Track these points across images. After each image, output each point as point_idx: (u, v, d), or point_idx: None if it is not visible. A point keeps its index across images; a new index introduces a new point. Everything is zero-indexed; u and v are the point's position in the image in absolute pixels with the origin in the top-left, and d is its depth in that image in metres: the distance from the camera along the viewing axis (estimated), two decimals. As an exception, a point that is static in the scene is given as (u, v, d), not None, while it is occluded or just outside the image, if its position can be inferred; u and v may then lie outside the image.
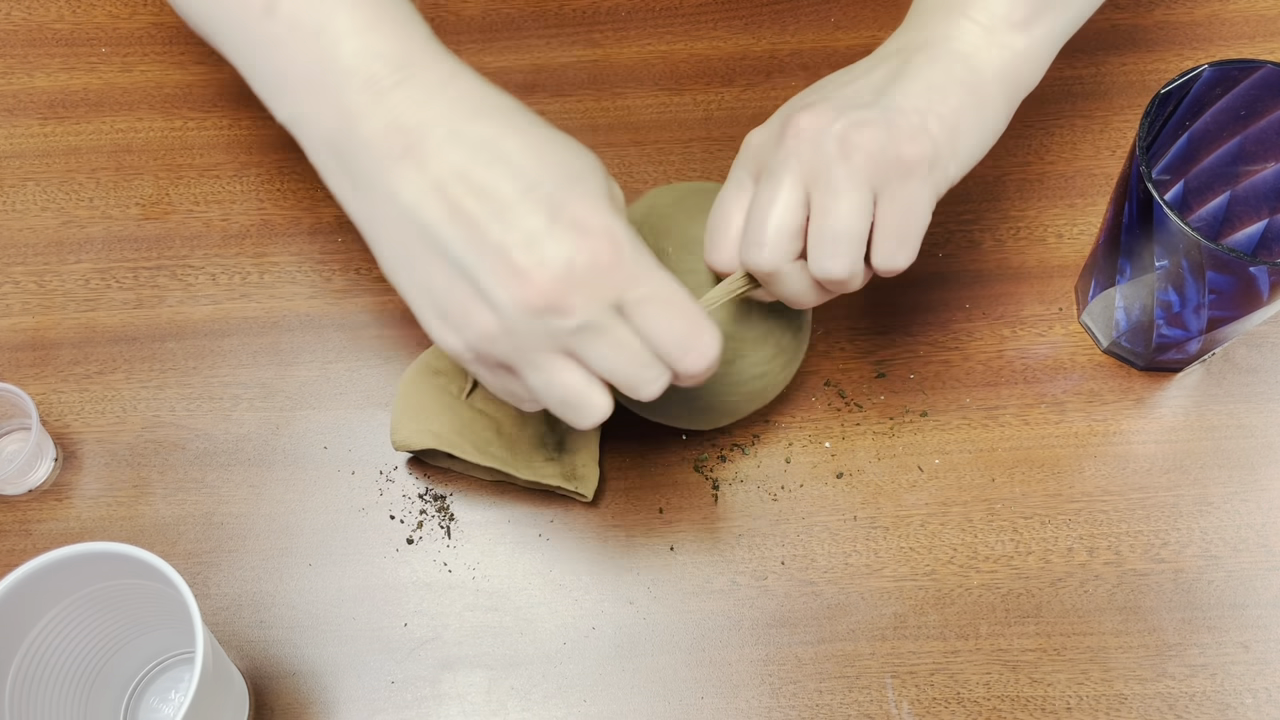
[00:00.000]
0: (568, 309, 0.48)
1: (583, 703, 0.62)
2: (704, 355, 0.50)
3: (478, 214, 0.48)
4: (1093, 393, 0.68)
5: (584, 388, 0.50)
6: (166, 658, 0.63)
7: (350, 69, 0.50)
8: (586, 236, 0.47)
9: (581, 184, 0.49)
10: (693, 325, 0.49)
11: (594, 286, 0.48)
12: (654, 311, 0.49)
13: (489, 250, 0.48)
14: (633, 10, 0.80)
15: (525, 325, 0.48)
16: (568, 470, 0.64)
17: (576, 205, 0.48)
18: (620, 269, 0.48)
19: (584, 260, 0.47)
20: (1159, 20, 0.78)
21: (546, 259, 0.47)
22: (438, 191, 0.48)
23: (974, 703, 0.61)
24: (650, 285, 0.49)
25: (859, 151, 0.52)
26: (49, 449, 0.67)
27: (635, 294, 0.48)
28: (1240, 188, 0.65)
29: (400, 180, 0.49)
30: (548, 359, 0.49)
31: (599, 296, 0.48)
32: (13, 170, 0.76)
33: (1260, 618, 0.63)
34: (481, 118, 0.49)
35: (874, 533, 0.65)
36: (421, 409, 0.64)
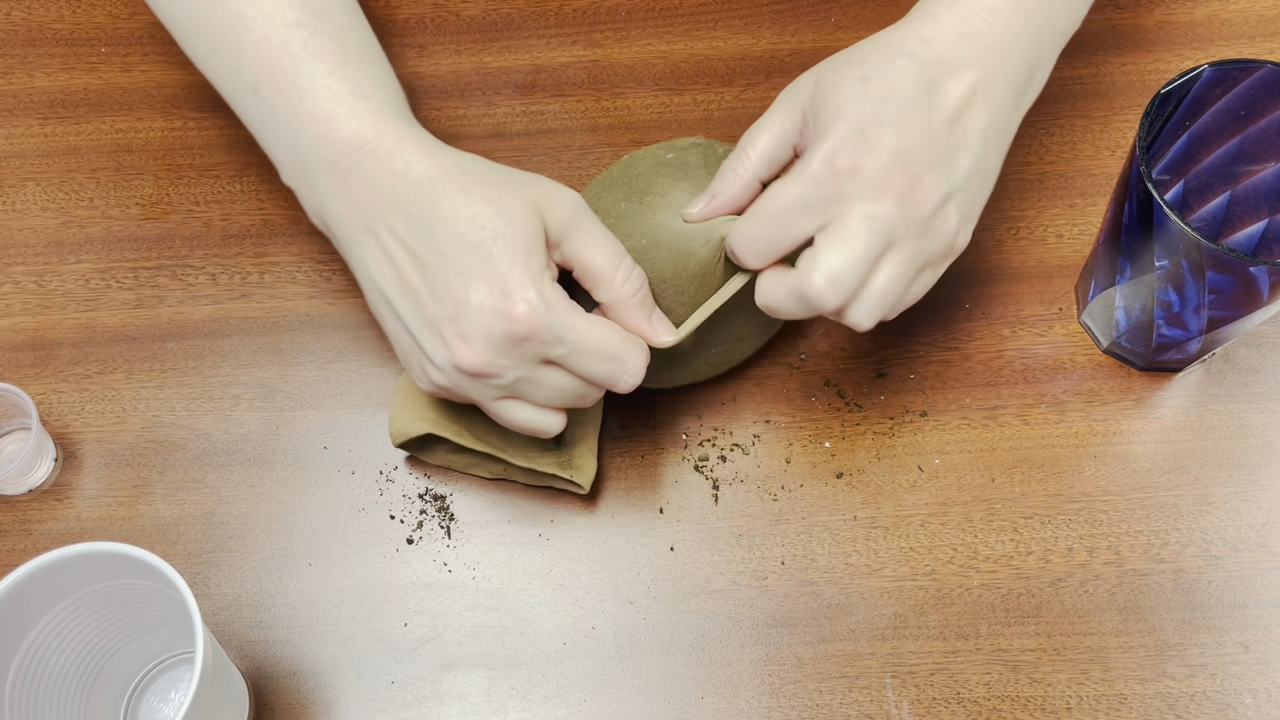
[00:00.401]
0: (496, 372, 0.54)
1: (583, 703, 0.62)
2: (632, 379, 0.56)
3: (418, 287, 0.54)
4: (1093, 393, 0.68)
5: (536, 416, 0.57)
6: (166, 658, 0.63)
7: (316, 158, 0.57)
8: (505, 309, 0.53)
9: (506, 248, 0.53)
10: (618, 360, 0.55)
11: (517, 351, 0.54)
12: (579, 361, 0.55)
13: (427, 322, 0.54)
14: (633, 10, 0.80)
15: (466, 384, 0.55)
16: (564, 461, 0.64)
17: (496, 277, 0.53)
18: (539, 334, 0.53)
19: (502, 332, 0.53)
20: (1159, 20, 0.78)
21: (469, 334, 0.53)
22: (391, 264, 0.55)
23: (974, 703, 0.61)
24: (570, 341, 0.54)
25: (940, 240, 0.56)
26: (49, 449, 0.67)
27: (558, 351, 0.54)
28: (1240, 188, 0.65)
29: (364, 252, 0.56)
30: (498, 404, 0.57)
31: (523, 357, 0.54)
32: (13, 170, 0.76)
33: (1260, 618, 0.63)
34: (423, 189, 0.55)
35: (874, 533, 0.65)
36: (418, 402, 0.64)
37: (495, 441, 0.63)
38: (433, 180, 0.55)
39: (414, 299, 0.55)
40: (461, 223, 0.54)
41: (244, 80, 0.59)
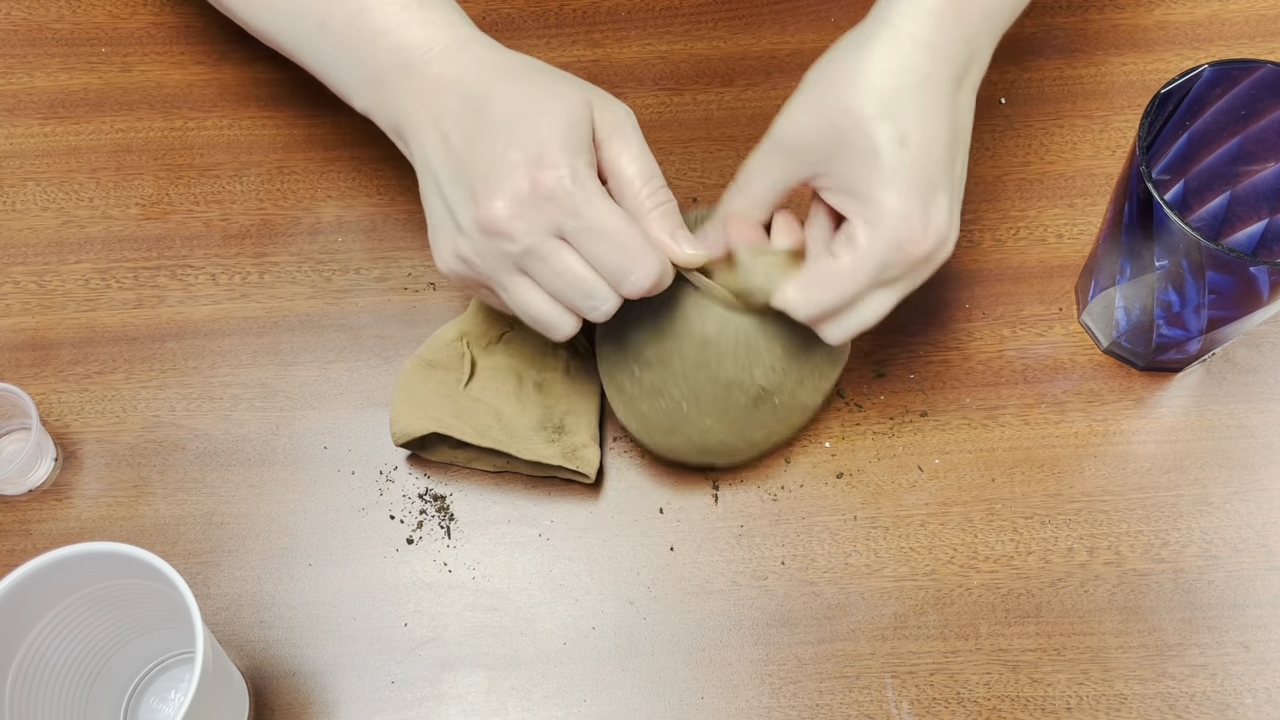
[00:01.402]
0: (512, 233, 0.54)
1: (583, 703, 0.62)
2: (641, 281, 0.54)
3: (461, 151, 0.55)
4: (1093, 393, 0.68)
5: (548, 307, 0.56)
6: (166, 658, 0.63)
7: (388, 66, 0.59)
8: (533, 168, 0.53)
9: (550, 120, 0.54)
10: (629, 253, 0.54)
11: (535, 215, 0.54)
12: (591, 240, 0.54)
13: (462, 182, 0.55)
14: (633, 10, 0.80)
15: (485, 246, 0.55)
16: (568, 451, 0.64)
17: (535, 142, 0.54)
18: (559, 199, 0.53)
19: (526, 189, 0.53)
20: (1159, 20, 0.78)
21: (496, 188, 0.54)
22: (443, 140, 0.56)
23: (974, 703, 0.61)
24: (588, 216, 0.53)
25: (928, 269, 0.56)
26: (49, 449, 0.67)
27: (574, 224, 0.54)
28: (1240, 188, 0.65)
29: (424, 138, 0.57)
30: (512, 279, 0.56)
31: (540, 224, 0.54)
32: (13, 170, 0.76)
33: (1260, 618, 0.63)
34: (485, 73, 0.56)
35: (874, 533, 0.65)
36: (420, 400, 0.64)
37: (499, 436, 0.63)
38: (495, 67, 0.57)
39: (455, 163, 0.55)
40: (514, 98, 0.55)
41: (310, 19, 0.61)
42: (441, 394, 0.64)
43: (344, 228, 0.73)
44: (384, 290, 0.72)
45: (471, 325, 0.67)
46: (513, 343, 0.67)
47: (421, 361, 0.66)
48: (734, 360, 0.58)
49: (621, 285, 0.55)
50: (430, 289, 0.72)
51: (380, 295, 0.72)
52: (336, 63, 0.61)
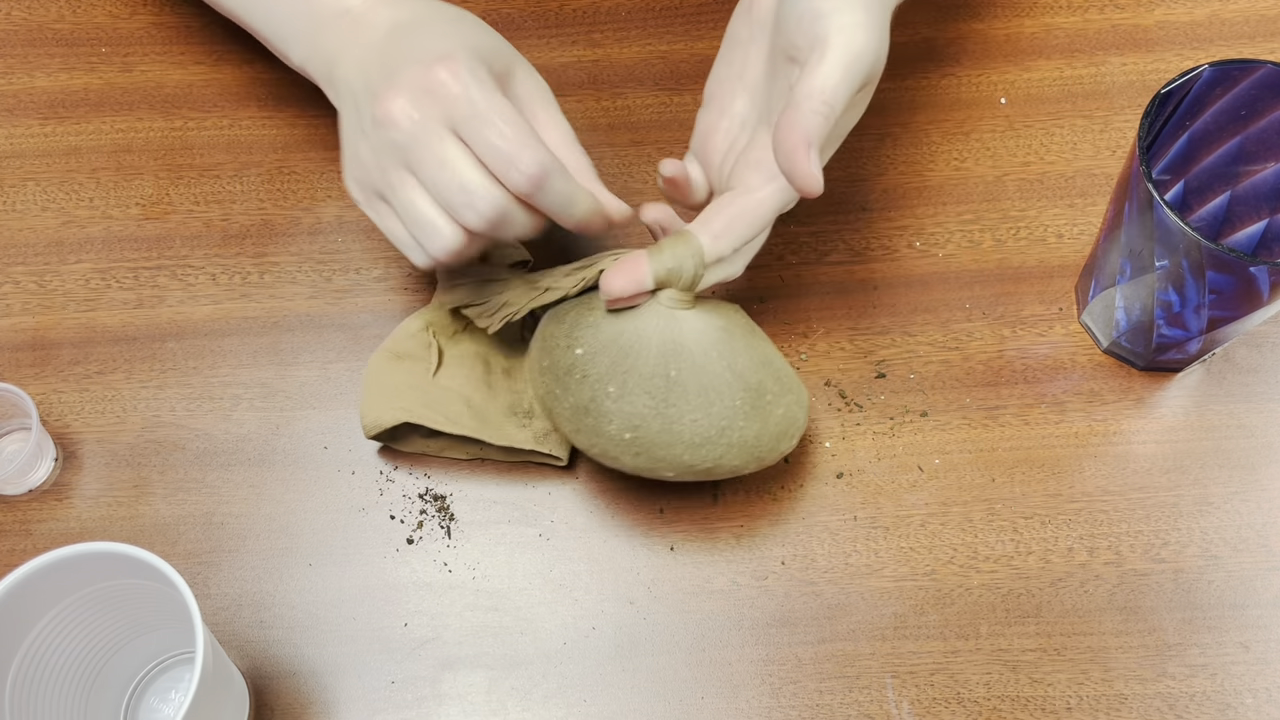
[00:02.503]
0: (401, 122, 0.55)
1: (583, 703, 0.62)
2: (527, 169, 0.54)
3: (375, 69, 0.57)
4: (1093, 393, 0.68)
5: (431, 212, 0.56)
6: (166, 658, 0.63)
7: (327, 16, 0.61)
8: (432, 68, 0.55)
9: (460, 40, 0.57)
10: (518, 141, 0.54)
11: (428, 106, 0.55)
12: (480, 125, 0.55)
13: (370, 90, 0.57)
14: (633, 10, 0.80)
15: (377, 140, 0.56)
16: (540, 434, 0.64)
17: (440, 48, 0.56)
18: (452, 91, 0.55)
19: (422, 84, 0.55)
20: (1159, 20, 0.78)
21: (396, 84, 0.55)
22: (362, 65, 0.58)
23: (974, 703, 0.61)
24: (479, 103, 0.55)
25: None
26: (49, 449, 0.67)
27: (465, 111, 0.55)
28: (1240, 188, 0.65)
29: (348, 68, 0.59)
30: (400, 177, 0.56)
31: (431, 114, 0.55)
32: (13, 170, 0.76)
33: (1260, 618, 0.63)
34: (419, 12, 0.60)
35: (874, 533, 0.65)
36: (390, 390, 0.64)
37: (470, 423, 0.64)
38: (435, 10, 0.60)
39: (367, 77, 0.58)
40: (437, 27, 0.58)
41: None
42: (410, 384, 0.64)
43: (344, 228, 0.73)
44: (384, 290, 0.72)
45: (436, 315, 0.67)
46: (478, 330, 0.66)
47: (388, 353, 0.66)
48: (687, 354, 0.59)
49: (508, 174, 0.54)
50: (430, 289, 0.72)
51: (380, 295, 0.72)
52: (276, 13, 0.63)
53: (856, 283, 0.71)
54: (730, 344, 0.59)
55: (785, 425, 0.60)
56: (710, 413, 0.58)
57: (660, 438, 0.58)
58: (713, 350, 0.59)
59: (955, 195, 0.73)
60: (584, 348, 0.59)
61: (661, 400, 0.57)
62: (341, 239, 0.73)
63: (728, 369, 0.59)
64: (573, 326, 0.60)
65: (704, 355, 0.58)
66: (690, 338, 0.59)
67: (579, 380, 0.58)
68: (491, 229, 0.56)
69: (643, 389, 0.57)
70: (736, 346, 0.59)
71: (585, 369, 0.58)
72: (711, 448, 0.58)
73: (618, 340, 0.58)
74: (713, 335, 0.59)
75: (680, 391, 0.58)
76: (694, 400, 0.58)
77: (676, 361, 0.58)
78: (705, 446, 0.58)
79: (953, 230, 0.73)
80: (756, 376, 0.59)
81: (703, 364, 0.58)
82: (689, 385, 0.58)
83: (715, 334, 0.59)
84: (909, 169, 0.74)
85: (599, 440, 0.59)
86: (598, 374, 0.58)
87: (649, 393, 0.57)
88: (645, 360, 0.58)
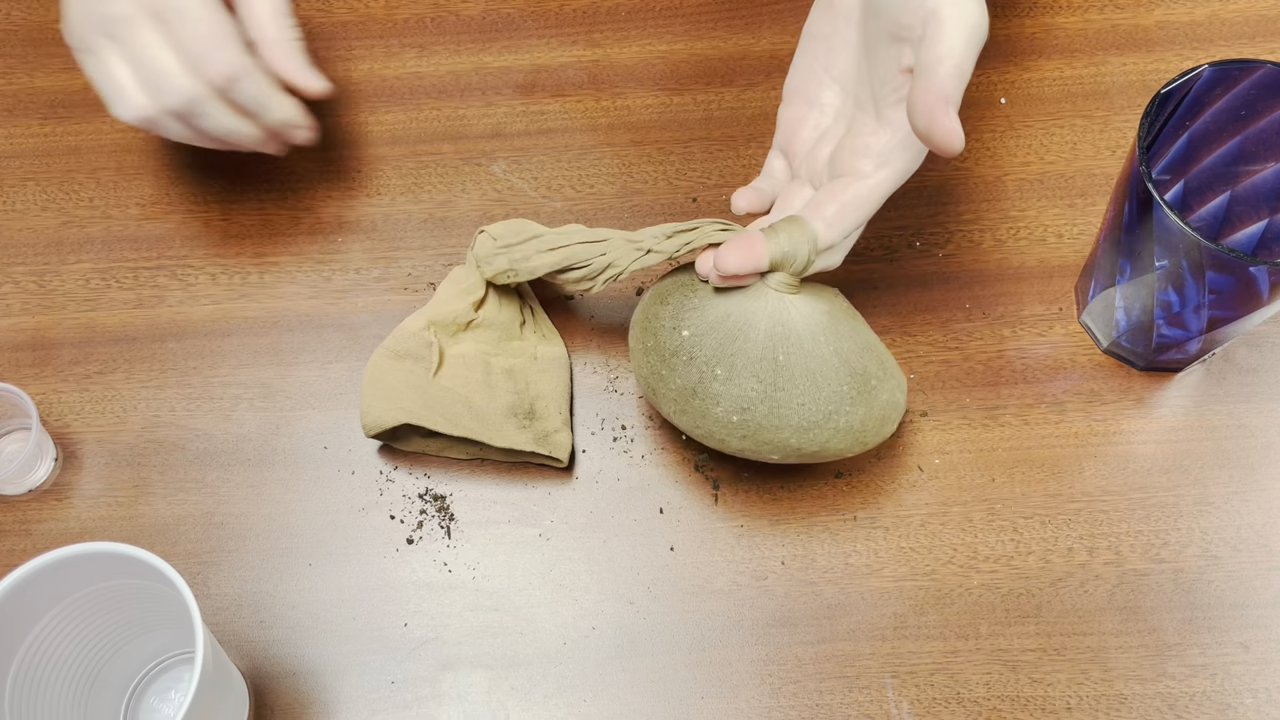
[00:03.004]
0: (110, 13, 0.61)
1: (583, 703, 0.62)
2: (220, 66, 0.62)
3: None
4: (1093, 393, 0.68)
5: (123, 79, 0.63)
6: (166, 658, 0.63)
7: None
8: None
9: None
10: (211, 39, 0.61)
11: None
12: (177, 21, 0.61)
13: None
14: (633, 10, 0.80)
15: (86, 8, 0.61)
16: (540, 435, 0.64)
17: None
18: None
19: None
20: (1159, 20, 0.78)
21: None
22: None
23: (974, 703, 0.62)
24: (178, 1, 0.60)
25: None
26: (49, 449, 0.67)
27: (164, 4, 0.60)
28: (1240, 188, 0.65)
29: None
30: (103, 44, 0.62)
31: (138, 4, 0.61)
32: (13, 170, 0.76)
33: (1260, 618, 0.63)
34: None
35: (874, 533, 0.65)
36: (390, 390, 0.64)
37: (470, 424, 0.64)
38: None
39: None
40: None
41: None
42: (411, 384, 0.64)
43: (344, 228, 0.73)
44: (384, 290, 0.72)
45: (438, 314, 0.67)
46: (480, 330, 0.67)
47: (389, 353, 0.66)
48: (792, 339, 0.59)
49: (200, 66, 0.61)
50: (430, 289, 0.72)
51: (380, 295, 0.72)
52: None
53: (857, 282, 0.71)
54: (836, 329, 0.60)
55: (888, 410, 0.61)
56: (818, 397, 0.58)
57: (767, 420, 0.58)
58: (820, 335, 0.59)
59: (955, 195, 0.73)
60: (690, 329, 0.59)
61: (769, 384, 0.58)
62: (341, 239, 0.73)
63: (834, 354, 0.59)
64: (678, 308, 0.60)
65: (811, 340, 0.59)
66: (798, 322, 0.59)
67: (685, 362, 0.59)
68: (188, 112, 0.62)
69: (750, 372, 0.58)
70: (841, 331, 0.60)
71: (692, 351, 0.59)
72: (818, 432, 0.59)
73: (725, 322, 0.59)
74: (819, 319, 0.59)
75: (788, 375, 0.58)
76: (801, 384, 0.58)
77: (784, 345, 0.58)
78: (812, 431, 0.59)
79: (953, 230, 0.73)
80: (861, 361, 0.60)
81: (810, 349, 0.59)
82: (796, 369, 0.58)
83: (821, 318, 0.60)
84: (909, 169, 0.74)
85: (704, 422, 0.59)
86: (705, 356, 0.58)
87: (757, 376, 0.58)
88: (754, 343, 0.58)
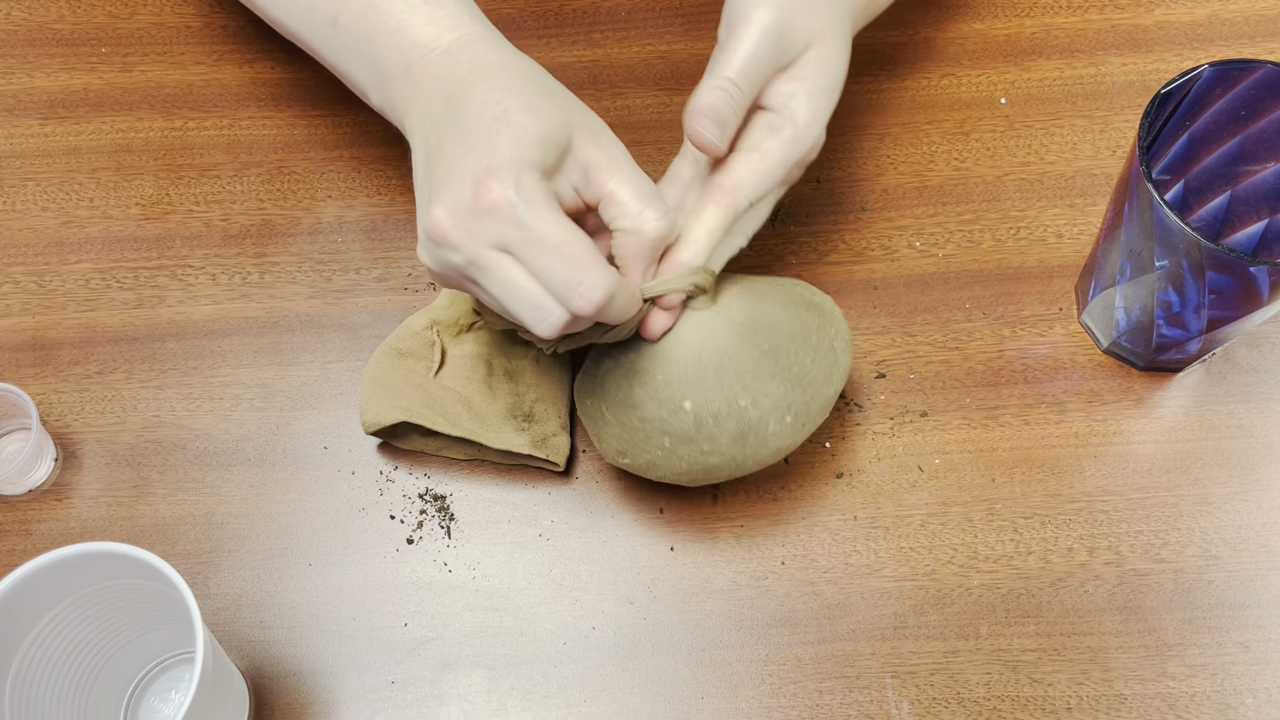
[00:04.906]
0: (454, 244, 0.53)
1: (583, 703, 0.62)
2: (590, 295, 0.52)
3: (433, 157, 0.55)
4: (1093, 393, 0.68)
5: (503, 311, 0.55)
6: (166, 658, 0.63)
7: (395, 66, 0.59)
8: (478, 179, 0.52)
9: (514, 134, 0.53)
10: (574, 267, 0.52)
11: (476, 226, 0.52)
12: (534, 253, 0.52)
13: (425, 184, 0.55)
14: (633, 10, 0.80)
15: (432, 253, 0.54)
16: (538, 439, 0.64)
17: (489, 153, 0.52)
18: (499, 210, 0.52)
19: (468, 200, 0.52)
20: (1159, 20, 0.78)
21: (443, 197, 0.53)
22: (424, 141, 0.56)
23: (974, 703, 0.61)
24: (532, 229, 0.52)
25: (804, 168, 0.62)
26: (49, 449, 0.67)
27: (517, 236, 0.52)
28: (1240, 188, 0.65)
29: (414, 137, 0.58)
30: (466, 285, 0.55)
31: (482, 236, 0.53)
32: (13, 170, 0.76)
33: (1260, 618, 0.63)
34: (472, 74, 0.56)
35: (874, 533, 0.65)
36: (391, 388, 0.64)
37: (469, 425, 0.64)
38: (485, 68, 0.56)
39: (427, 164, 0.55)
40: (488, 104, 0.54)
41: (321, 15, 0.62)
42: (412, 383, 0.64)
43: (344, 228, 0.73)
44: (384, 290, 0.72)
45: (441, 313, 0.67)
46: (483, 330, 0.67)
47: (391, 350, 0.66)
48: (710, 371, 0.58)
49: (571, 300, 0.52)
50: (430, 289, 0.72)
51: (380, 295, 0.72)
52: (349, 61, 0.62)
53: (856, 283, 0.71)
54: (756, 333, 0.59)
55: (830, 369, 0.60)
56: (814, 345, 0.59)
57: (802, 397, 0.58)
58: (766, 305, 0.59)
59: (955, 195, 0.73)
60: (691, 399, 0.58)
61: (783, 374, 0.58)
62: (341, 239, 0.73)
63: (790, 318, 0.59)
64: (663, 383, 0.58)
65: (769, 316, 0.59)
66: (747, 314, 0.59)
67: (657, 432, 0.58)
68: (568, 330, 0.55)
69: (765, 375, 0.58)
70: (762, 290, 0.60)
71: (699, 419, 0.58)
72: (795, 434, 0.59)
73: (680, 374, 0.58)
74: (749, 296, 0.59)
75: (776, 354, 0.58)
76: (761, 404, 0.58)
77: (755, 339, 0.58)
78: (786, 435, 0.59)
79: (953, 230, 0.73)
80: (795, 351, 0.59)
81: (770, 324, 0.59)
82: (782, 344, 0.58)
83: (749, 296, 0.59)
84: (909, 169, 0.74)
85: (684, 476, 0.60)
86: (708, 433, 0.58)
87: (771, 374, 0.58)
88: (735, 358, 0.58)
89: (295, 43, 0.66)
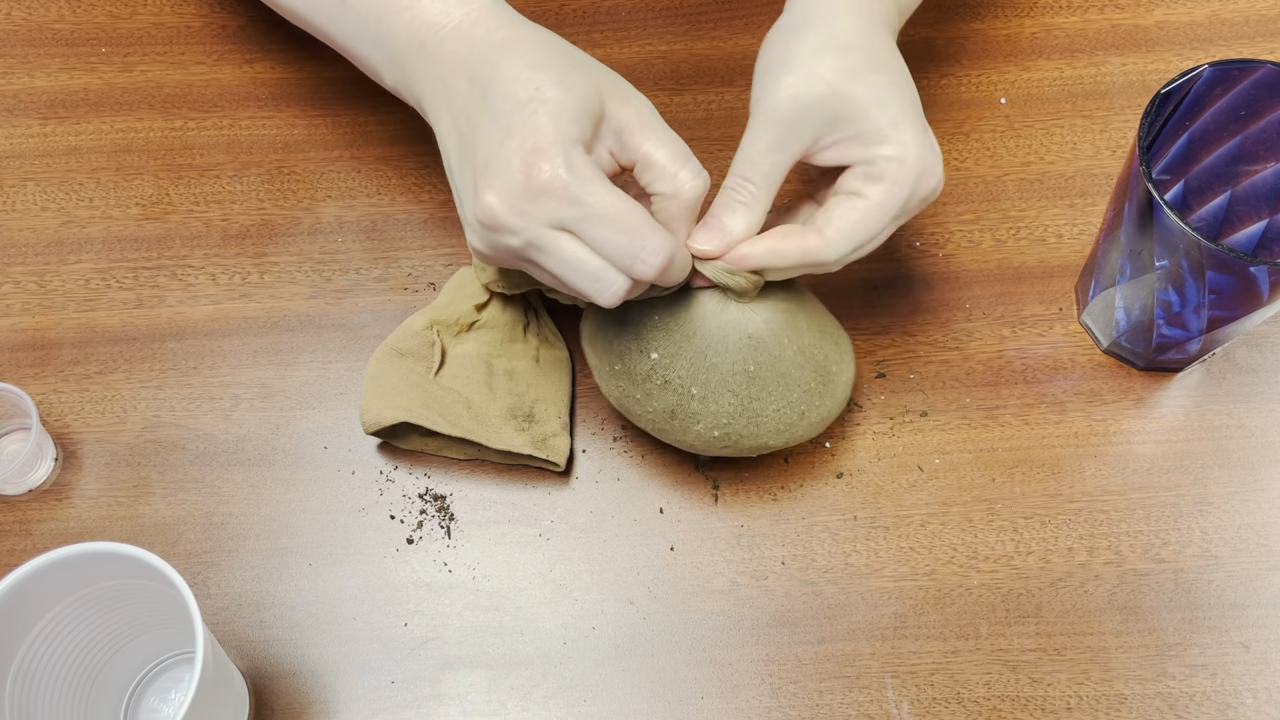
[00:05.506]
0: (511, 227, 0.53)
1: (583, 703, 0.62)
2: (652, 260, 0.53)
3: (467, 140, 0.54)
4: (1093, 393, 0.68)
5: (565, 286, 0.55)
6: (166, 658, 0.63)
7: (407, 44, 0.58)
8: (527, 160, 0.52)
9: (551, 110, 0.52)
10: (635, 235, 0.52)
11: (532, 209, 0.52)
12: (593, 229, 0.52)
13: (468, 168, 0.54)
14: (633, 10, 0.80)
15: (488, 239, 0.54)
16: (538, 439, 0.64)
17: (531, 132, 0.52)
18: (554, 191, 0.52)
19: (520, 184, 0.52)
20: (1159, 20, 0.78)
21: (492, 183, 0.52)
22: (453, 123, 0.55)
23: (974, 703, 0.61)
24: (588, 204, 0.52)
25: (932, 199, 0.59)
26: (49, 449, 0.67)
27: (574, 213, 0.52)
28: (1240, 188, 0.65)
29: (438, 120, 0.57)
30: (524, 265, 0.55)
31: (538, 218, 0.52)
32: (13, 170, 0.76)
33: (1260, 618, 0.63)
34: (493, 51, 0.55)
35: (874, 533, 0.65)
36: (391, 389, 0.64)
37: (469, 425, 0.64)
38: (505, 43, 0.55)
39: (463, 147, 0.55)
40: (519, 82, 0.53)
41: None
42: (412, 383, 0.64)
43: (344, 228, 0.73)
44: (384, 290, 0.72)
45: (441, 313, 0.67)
46: (483, 331, 0.67)
47: (391, 350, 0.66)
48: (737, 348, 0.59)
49: (634, 268, 0.53)
50: (430, 289, 0.72)
51: (380, 295, 0.72)
52: (360, 41, 0.61)
53: (857, 283, 0.71)
54: (796, 324, 0.60)
55: (847, 390, 0.63)
56: (790, 400, 0.60)
57: (747, 429, 0.60)
58: (784, 337, 0.60)
59: (955, 195, 0.73)
60: (659, 351, 0.59)
61: (745, 396, 0.59)
62: (341, 239, 0.73)
63: (799, 352, 0.60)
64: (639, 328, 0.60)
65: (778, 344, 0.60)
66: (763, 330, 0.59)
67: (660, 386, 0.60)
68: (628, 297, 0.55)
69: (726, 388, 0.59)
70: (800, 324, 0.61)
71: (665, 374, 0.59)
72: (794, 430, 0.61)
73: (692, 340, 0.59)
74: (781, 320, 0.60)
75: (761, 385, 0.59)
76: (775, 391, 0.60)
77: (754, 355, 0.59)
78: (788, 430, 0.61)
79: (953, 230, 0.73)
80: (822, 351, 0.61)
81: (778, 353, 0.60)
82: (768, 377, 0.59)
83: (783, 318, 0.60)
84: (909, 169, 0.74)
85: (686, 438, 0.61)
86: (679, 378, 0.59)
87: (732, 391, 0.59)
88: (724, 358, 0.59)
89: (304, 28, 0.65)
